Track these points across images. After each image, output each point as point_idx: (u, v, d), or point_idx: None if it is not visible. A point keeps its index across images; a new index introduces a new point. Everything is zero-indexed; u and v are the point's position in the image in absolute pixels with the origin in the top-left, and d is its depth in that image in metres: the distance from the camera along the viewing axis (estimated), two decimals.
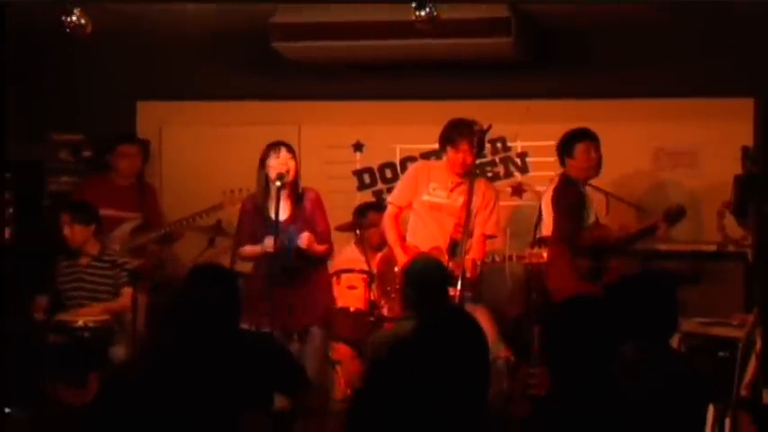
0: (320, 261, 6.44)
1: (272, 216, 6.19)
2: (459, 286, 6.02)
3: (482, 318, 5.74)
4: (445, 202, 6.53)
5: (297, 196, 6.34)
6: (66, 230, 6.78)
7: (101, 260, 6.77)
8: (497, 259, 6.52)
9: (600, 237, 6.54)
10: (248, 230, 6.33)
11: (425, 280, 5.41)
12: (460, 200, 6.40)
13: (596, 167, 6.66)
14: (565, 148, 6.65)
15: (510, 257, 6.51)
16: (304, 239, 6.19)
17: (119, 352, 6.48)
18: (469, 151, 6.36)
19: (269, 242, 6.14)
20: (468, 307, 5.83)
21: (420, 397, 3.60)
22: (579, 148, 6.63)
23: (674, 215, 6.52)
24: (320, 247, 6.31)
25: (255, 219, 6.32)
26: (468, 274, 6.16)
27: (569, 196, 6.62)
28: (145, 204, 7.54)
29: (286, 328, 6.15)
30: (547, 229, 6.62)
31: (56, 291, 6.76)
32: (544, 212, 6.70)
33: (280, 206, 6.14)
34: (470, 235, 6.34)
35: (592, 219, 6.70)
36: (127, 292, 6.61)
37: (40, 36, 7.83)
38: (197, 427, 3.86)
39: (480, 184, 6.52)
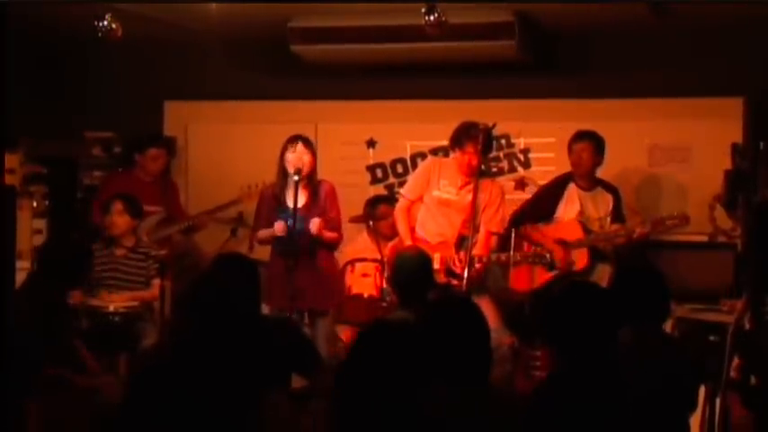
0: (330, 248, 6.45)
1: (290, 204, 6.22)
2: (464, 279, 6.02)
3: (487, 307, 5.73)
4: (454, 199, 6.50)
5: (313, 187, 6.35)
6: (115, 218, 6.77)
7: (135, 252, 6.80)
8: (502, 258, 6.49)
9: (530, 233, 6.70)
10: (265, 216, 6.38)
11: (405, 274, 5.38)
12: (469, 197, 6.37)
13: (583, 165, 6.75)
14: (569, 145, 6.84)
15: (514, 255, 6.50)
16: (314, 225, 6.21)
17: (147, 336, 6.49)
18: (476, 153, 6.32)
19: (279, 226, 6.22)
20: (474, 298, 5.82)
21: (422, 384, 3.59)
22: (573, 147, 6.79)
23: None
24: (330, 234, 6.33)
25: (273, 206, 6.35)
26: (472, 269, 6.16)
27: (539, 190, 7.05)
28: (167, 199, 7.55)
29: (297, 308, 6.14)
30: None
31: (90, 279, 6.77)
32: None
33: (298, 196, 6.17)
34: (477, 230, 6.34)
35: (570, 214, 6.73)
36: (156, 283, 6.64)
37: (77, 41, 7.85)
38: (221, 406, 3.86)
39: (487, 184, 6.50)
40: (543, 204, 6.88)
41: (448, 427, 3.59)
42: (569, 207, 6.81)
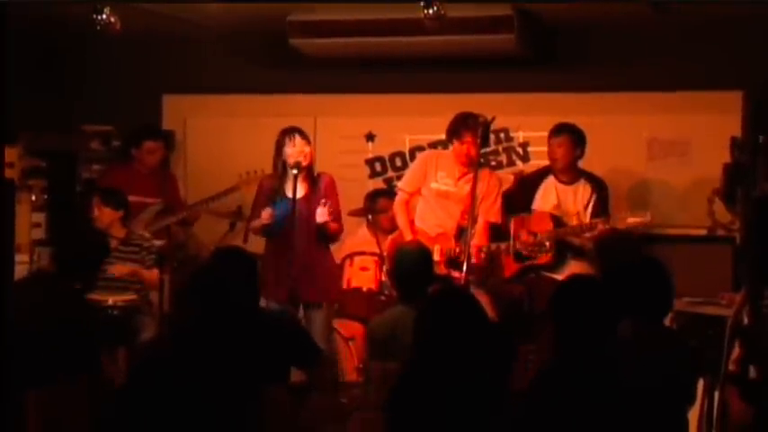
0: (331, 239, 6.43)
1: (290, 197, 6.20)
2: (464, 270, 6.01)
3: (485, 301, 5.73)
4: (453, 190, 6.51)
5: (312, 179, 6.34)
6: (96, 212, 6.79)
7: (128, 244, 6.79)
8: (502, 247, 6.49)
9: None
10: (261, 208, 6.34)
11: (405, 268, 5.37)
12: (467, 188, 6.38)
13: (559, 160, 6.71)
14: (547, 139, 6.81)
15: (513, 245, 6.50)
16: (321, 214, 6.18)
17: (146, 329, 6.49)
18: (473, 143, 6.33)
19: (265, 214, 6.17)
20: (473, 291, 5.81)
21: (431, 381, 3.62)
22: (549, 142, 6.75)
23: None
24: (335, 225, 6.32)
25: (269, 198, 6.32)
26: (473, 260, 6.15)
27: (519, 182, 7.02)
28: (166, 190, 7.55)
29: (293, 300, 6.14)
30: None
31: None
32: None
33: (297, 188, 6.16)
34: (476, 221, 6.33)
35: (546, 207, 6.72)
36: (154, 272, 6.63)
37: (76, 35, 7.84)
38: (220, 400, 3.87)
39: (485, 174, 6.50)
40: (520, 196, 6.84)
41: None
42: (545, 200, 6.75)
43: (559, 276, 6.28)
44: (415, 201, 6.68)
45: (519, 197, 6.82)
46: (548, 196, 6.75)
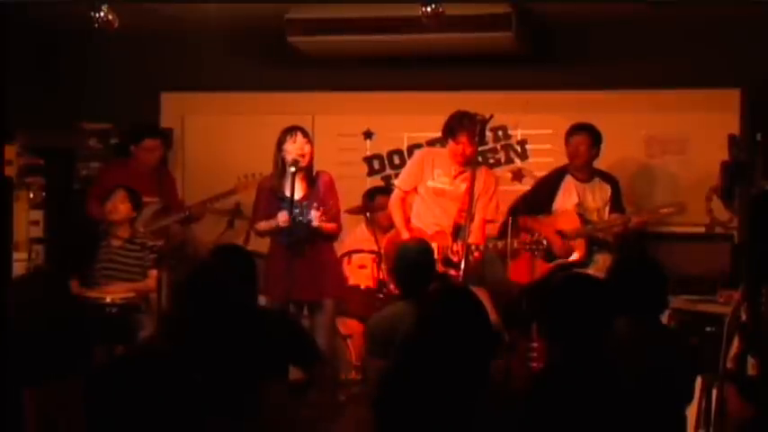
0: (330, 239, 6.44)
1: (288, 195, 6.21)
2: (462, 268, 6.01)
3: (483, 298, 5.72)
4: (449, 188, 6.51)
5: (311, 178, 6.35)
6: (117, 204, 6.78)
7: (132, 242, 6.80)
8: (499, 246, 6.50)
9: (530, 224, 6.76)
10: (264, 208, 6.36)
11: (407, 265, 5.37)
12: (463, 186, 6.38)
13: (580, 157, 6.80)
14: (565, 137, 6.88)
15: (512, 242, 6.50)
16: (315, 217, 6.20)
17: (145, 327, 6.48)
18: (469, 143, 6.33)
19: (282, 217, 6.18)
20: (473, 288, 5.80)
21: (432, 379, 3.61)
22: (569, 140, 6.85)
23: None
24: (330, 225, 6.32)
25: (271, 197, 6.34)
26: (470, 258, 6.16)
27: (536, 183, 7.14)
28: (163, 189, 7.54)
29: (298, 298, 6.14)
30: None
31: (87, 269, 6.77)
32: None
33: (295, 187, 6.17)
34: (473, 219, 6.34)
35: (568, 205, 6.77)
36: (153, 273, 6.65)
37: (74, 33, 7.83)
38: (218, 398, 3.86)
39: (481, 172, 6.50)
40: (540, 197, 6.92)
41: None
42: (567, 198, 6.84)
43: (592, 272, 6.32)
44: (411, 199, 6.67)
45: (539, 197, 6.91)
46: (569, 195, 6.85)
